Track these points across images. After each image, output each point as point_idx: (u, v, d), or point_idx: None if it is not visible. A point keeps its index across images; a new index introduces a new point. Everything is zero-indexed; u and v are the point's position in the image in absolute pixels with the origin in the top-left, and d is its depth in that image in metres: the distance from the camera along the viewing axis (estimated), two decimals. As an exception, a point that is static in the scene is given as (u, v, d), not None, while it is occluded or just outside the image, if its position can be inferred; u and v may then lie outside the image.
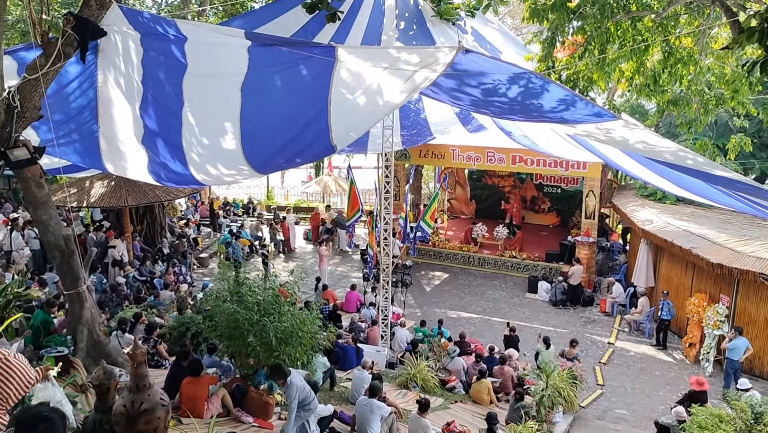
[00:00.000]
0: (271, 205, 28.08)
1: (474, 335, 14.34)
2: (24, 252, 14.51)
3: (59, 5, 12.82)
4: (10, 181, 20.57)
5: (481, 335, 14.72)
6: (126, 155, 8.16)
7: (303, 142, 6.15)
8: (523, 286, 17.98)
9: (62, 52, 6.69)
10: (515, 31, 26.47)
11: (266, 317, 7.67)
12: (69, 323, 7.82)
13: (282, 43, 5.98)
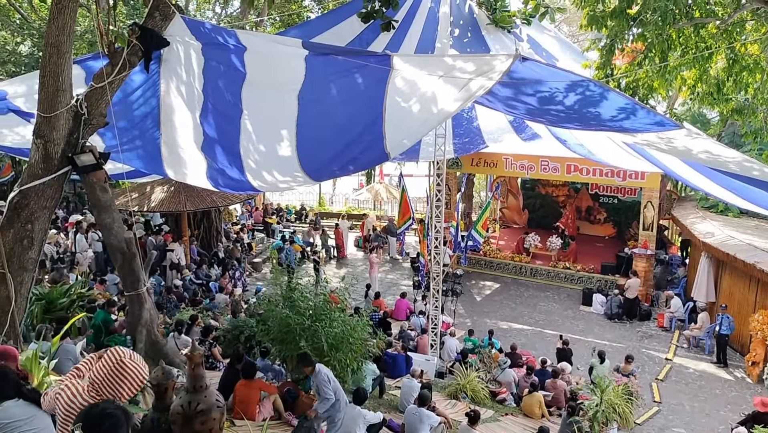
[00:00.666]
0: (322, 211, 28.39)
1: (525, 347, 14.10)
2: (87, 254, 15.10)
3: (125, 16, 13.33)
4: (75, 186, 21.46)
5: (533, 347, 14.46)
6: (186, 161, 8.41)
7: (357, 149, 6.20)
8: (577, 298, 17.60)
9: (127, 62, 6.94)
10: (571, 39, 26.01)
11: (318, 322, 7.76)
12: (129, 324, 8.09)
13: (338, 52, 6.06)
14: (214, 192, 15.06)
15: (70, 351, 6.80)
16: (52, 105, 6.55)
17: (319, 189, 30.86)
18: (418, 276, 17.52)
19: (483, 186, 27.20)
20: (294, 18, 18.07)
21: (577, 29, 23.54)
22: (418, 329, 14.04)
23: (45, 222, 6.92)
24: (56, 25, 6.42)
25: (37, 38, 15.32)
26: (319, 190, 31.08)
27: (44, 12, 16.57)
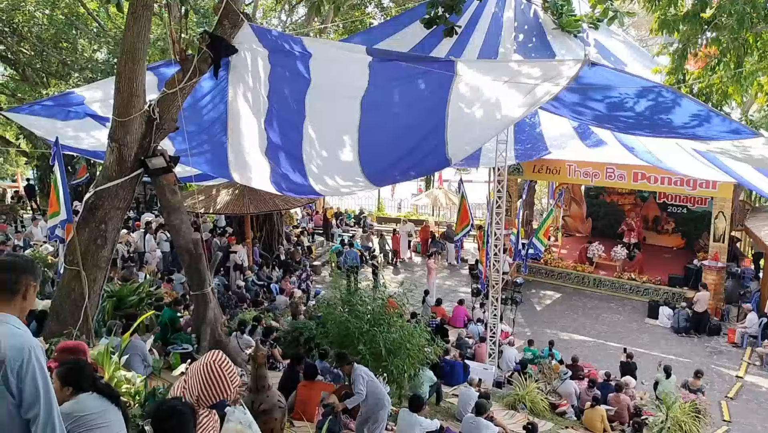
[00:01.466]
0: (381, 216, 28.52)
1: (587, 359, 13.71)
2: (155, 254, 15.64)
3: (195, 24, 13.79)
4: (145, 188, 22.29)
5: (595, 359, 14.05)
6: (251, 166, 8.63)
7: (418, 155, 6.20)
8: (643, 310, 16.98)
9: (198, 69, 7.18)
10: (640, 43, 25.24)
11: (376, 327, 7.78)
12: (194, 322, 8.34)
13: (402, 58, 6.08)
14: (276, 195, 15.33)
15: (139, 347, 7.05)
16: (127, 110, 6.83)
17: (378, 194, 31.00)
18: (477, 283, 17.33)
19: (545, 193, 26.68)
20: (357, 25, 18.25)
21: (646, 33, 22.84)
22: (476, 337, 13.89)
23: (118, 222, 7.22)
24: (132, 33, 6.70)
25: (112, 46, 16.05)
26: (378, 195, 31.21)
27: (120, 21, 17.34)
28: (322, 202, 26.87)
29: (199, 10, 14.93)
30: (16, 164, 27.45)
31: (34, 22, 16.78)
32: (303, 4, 19.88)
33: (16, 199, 22.68)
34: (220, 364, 2.85)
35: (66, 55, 17.06)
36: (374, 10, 19.67)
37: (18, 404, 2.63)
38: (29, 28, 16.68)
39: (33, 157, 21.36)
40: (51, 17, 16.76)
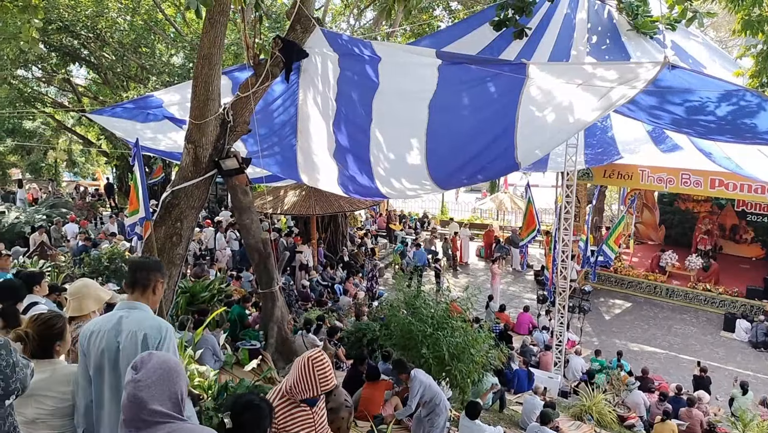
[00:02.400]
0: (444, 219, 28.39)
1: (658, 372, 13.22)
2: (225, 252, 16.12)
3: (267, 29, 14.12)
4: (217, 189, 23.03)
5: (666, 372, 13.52)
6: (319, 168, 8.76)
7: (487, 158, 6.14)
8: (718, 323, 16.22)
9: (270, 73, 7.35)
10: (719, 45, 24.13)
11: (439, 330, 7.74)
12: (262, 319, 8.54)
13: (471, 60, 6.03)
14: (341, 197, 15.54)
15: (210, 342, 7.27)
16: (203, 113, 7.05)
17: (442, 197, 30.89)
18: (543, 290, 16.99)
19: (615, 199, 25.86)
20: (424, 28, 18.25)
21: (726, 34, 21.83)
22: (541, 345, 13.62)
23: (192, 221, 7.46)
24: (208, 38, 6.92)
25: (188, 50, 16.66)
26: (442, 199, 31.10)
27: (195, 26, 17.99)
28: (386, 204, 27.01)
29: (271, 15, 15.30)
30: (96, 164, 28.87)
31: (116, 27, 17.64)
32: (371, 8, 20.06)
33: (97, 197, 23.87)
34: (314, 361, 2.94)
35: (145, 60, 17.83)
36: (442, 12, 19.62)
37: None
38: (111, 34, 17.54)
39: (113, 157, 22.43)
40: (132, 23, 17.57)
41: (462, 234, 22.68)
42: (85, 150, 26.01)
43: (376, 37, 16.46)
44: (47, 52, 18.40)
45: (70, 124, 23.88)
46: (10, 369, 2.44)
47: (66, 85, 21.78)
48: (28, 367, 2.65)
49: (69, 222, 15.96)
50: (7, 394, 2.42)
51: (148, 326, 3.06)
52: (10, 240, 14.11)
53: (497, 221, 27.66)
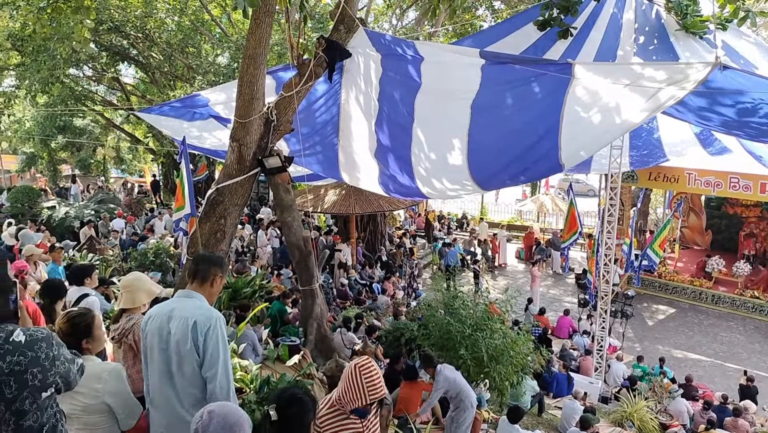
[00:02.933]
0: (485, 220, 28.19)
1: (702, 380, 12.86)
2: (266, 249, 16.34)
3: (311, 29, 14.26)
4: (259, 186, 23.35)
5: (711, 380, 13.15)
6: (360, 167, 8.81)
7: (530, 159, 6.08)
8: (766, 331, 15.70)
9: (313, 73, 7.42)
10: (773, 43, 23.29)
11: (478, 331, 7.70)
12: (301, 316, 8.63)
13: (516, 60, 5.98)
14: (381, 197, 15.57)
15: (250, 337, 7.38)
16: (247, 112, 7.17)
17: (482, 198, 30.66)
18: (584, 294, 16.72)
19: (660, 202, 25.22)
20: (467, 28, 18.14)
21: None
22: (582, 350, 13.41)
23: (236, 218, 7.60)
24: (254, 38, 7.03)
25: (233, 50, 16.93)
26: (482, 200, 30.88)
27: (241, 27, 18.30)
28: (425, 204, 26.97)
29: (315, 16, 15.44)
30: (143, 161, 29.60)
31: (164, 28, 18.06)
32: (414, 8, 20.05)
33: (143, 194, 24.49)
34: (362, 369, 2.88)
35: (191, 60, 18.21)
36: (485, 12, 19.48)
37: (201, 363, 3.19)
38: (159, 34, 17.97)
39: (159, 154, 22.97)
40: (179, 24, 17.96)
41: (500, 235, 22.48)
42: (132, 147, 26.70)
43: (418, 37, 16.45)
44: (98, 51, 18.96)
45: (118, 122, 24.58)
46: (49, 362, 2.45)
47: (115, 83, 22.41)
48: (74, 362, 2.69)
49: (116, 217, 16.42)
50: (44, 386, 2.43)
51: (199, 313, 3.22)
52: (60, 234, 14.60)
53: (538, 223, 27.32)
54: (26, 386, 2.35)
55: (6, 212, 16.49)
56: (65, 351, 2.61)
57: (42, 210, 16.62)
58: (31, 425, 2.38)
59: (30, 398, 2.36)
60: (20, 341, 2.40)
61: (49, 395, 2.46)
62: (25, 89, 16.99)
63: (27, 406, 2.36)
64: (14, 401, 2.33)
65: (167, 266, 11.58)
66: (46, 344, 2.48)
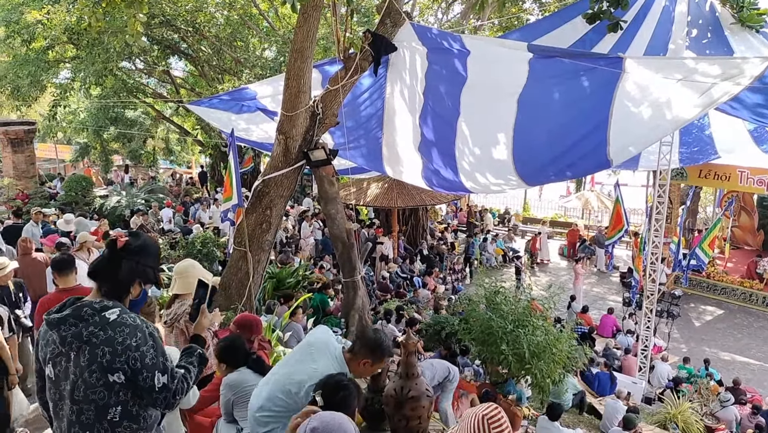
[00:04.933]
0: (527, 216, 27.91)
1: (750, 383, 12.49)
2: (309, 241, 16.54)
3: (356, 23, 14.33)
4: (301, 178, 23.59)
5: (761, 384, 12.75)
6: (403, 161, 8.85)
7: (576, 155, 6.01)
8: (820, 336, 15.16)
9: (359, 66, 7.48)
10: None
11: (520, 328, 7.66)
12: (343, 307, 8.74)
13: (564, 54, 5.92)
14: (423, 191, 15.58)
15: (295, 327, 7.53)
16: (294, 105, 7.28)
17: (525, 194, 30.34)
18: (629, 293, 16.39)
19: (710, 201, 24.51)
20: (512, 21, 17.94)
21: None
22: (625, 349, 13.17)
23: (281, 209, 7.74)
24: (301, 32, 7.12)
25: (280, 44, 17.14)
26: (525, 195, 30.55)
27: (287, 21, 18.50)
28: (467, 199, 26.83)
29: (361, 10, 15.51)
30: (191, 152, 30.25)
31: (213, 22, 18.41)
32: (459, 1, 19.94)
33: (191, 184, 25.07)
34: (490, 420, 2.56)
35: (239, 53, 18.51)
36: (532, 5, 19.22)
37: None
38: (209, 28, 18.32)
39: (207, 146, 23.44)
40: (228, 18, 18.28)
41: (541, 231, 22.23)
42: (181, 139, 27.32)
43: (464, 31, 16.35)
44: (150, 45, 19.44)
45: (168, 114, 25.16)
46: (123, 348, 2.40)
47: (165, 76, 22.95)
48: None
49: (165, 207, 16.87)
50: (111, 369, 2.40)
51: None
52: (111, 222, 15.07)
53: (582, 220, 26.88)
54: (95, 360, 2.39)
55: (60, 200, 17.12)
56: (154, 353, 2.50)
57: (95, 199, 17.20)
58: (96, 400, 2.42)
59: (97, 373, 2.40)
60: (108, 318, 2.43)
61: (118, 380, 2.43)
62: (79, 81, 17.57)
63: (94, 380, 2.40)
64: (85, 370, 2.40)
65: (213, 255, 11.84)
66: (129, 331, 2.43)
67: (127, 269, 2.57)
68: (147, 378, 2.45)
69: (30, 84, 17.21)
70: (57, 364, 2.48)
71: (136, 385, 2.46)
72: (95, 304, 2.46)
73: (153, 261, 2.70)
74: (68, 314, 2.43)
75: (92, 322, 2.42)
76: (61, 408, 2.49)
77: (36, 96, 18.90)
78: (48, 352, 2.50)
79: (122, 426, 2.48)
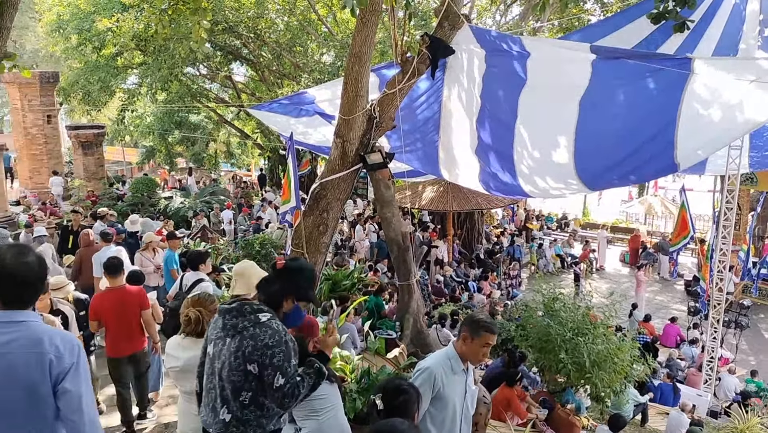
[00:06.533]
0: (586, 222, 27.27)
1: (827, 401, 11.81)
2: (364, 243, 16.65)
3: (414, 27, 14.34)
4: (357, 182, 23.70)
5: (838, 401, 12.04)
6: (460, 164, 8.79)
7: (641, 158, 5.83)
8: None
9: (416, 70, 7.47)
10: None
11: (580, 336, 7.48)
12: (398, 310, 8.75)
13: (629, 55, 5.75)
14: (479, 194, 15.44)
15: (350, 329, 7.58)
16: (351, 109, 7.33)
17: (584, 198, 29.63)
18: (695, 302, 15.78)
19: (783, 207, 23.37)
20: (573, 22, 17.59)
21: None
22: (689, 360, 12.69)
23: (338, 212, 7.79)
24: (360, 37, 7.15)
25: (338, 49, 17.34)
26: (584, 200, 29.84)
27: (345, 26, 18.70)
28: (524, 203, 26.42)
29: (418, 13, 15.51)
30: (251, 156, 30.93)
31: (274, 28, 18.80)
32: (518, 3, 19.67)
33: (250, 187, 25.64)
34: None
35: (298, 58, 18.83)
36: (593, 6, 18.79)
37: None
38: (270, 34, 18.72)
39: (266, 149, 23.93)
40: (288, 23, 18.63)
41: (600, 237, 21.67)
42: (241, 142, 27.97)
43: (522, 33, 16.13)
44: (213, 51, 20.03)
45: (229, 118, 25.85)
46: (261, 345, 2.89)
47: (227, 81, 23.56)
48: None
49: (226, 209, 17.31)
50: (249, 360, 2.90)
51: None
52: (176, 223, 15.58)
53: (645, 226, 26.05)
54: (240, 348, 2.90)
55: (127, 201, 17.80)
56: (282, 357, 2.90)
57: (160, 200, 17.80)
58: (234, 381, 2.92)
59: (239, 360, 2.90)
60: (259, 319, 2.95)
61: (253, 371, 2.88)
62: (146, 86, 18.25)
63: (236, 365, 2.91)
64: (232, 355, 2.92)
65: (272, 257, 12.06)
66: (271, 333, 2.90)
67: (279, 286, 3.10)
68: (269, 375, 2.87)
69: (100, 89, 18.00)
70: (216, 344, 3.04)
71: (262, 379, 2.89)
72: (254, 306, 3.02)
73: (305, 282, 3.17)
74: (234, 307, 3.01)
75: (247, 318, 2.95)
76: (211, 381, 3.03)
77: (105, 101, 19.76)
78: (213, 333, 3.08)
79: (249, 409, 2.94)
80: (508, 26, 19.04)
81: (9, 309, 2.37)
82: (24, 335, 2.34)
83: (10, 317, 2.36)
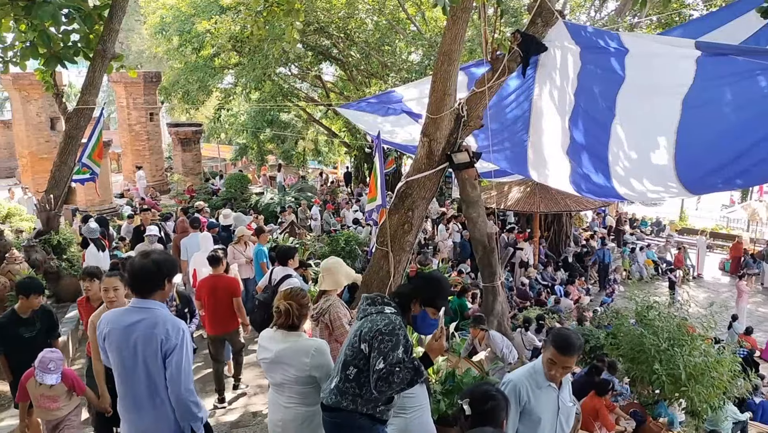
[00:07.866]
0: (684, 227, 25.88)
1: None
2: (447, 243, 16.54)
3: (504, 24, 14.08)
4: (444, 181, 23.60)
5: None
6: (549, 164, 8.54)
7: (750, 161, 5.42)
8: None
9: (507, 68, 7.32)
10: None
11: (676, 347, 7.09)
12: (483, 313, 8.62)
13: (738, 52, 5.37)
14: (568, 196, 14.97)
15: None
16: (439, 108, 7.29)
17: (682, 203, 28.12)
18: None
19: None
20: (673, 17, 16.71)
21: None
22: (798, 378, 11.76)
23: (422, 211, 7.78)
24: (450, 35, 7.10)
25: (426, 48, 17.30)
26: (681, 204, 28.32)
27: (433, 24, 18.65)
28: (615, 206, 25.39)
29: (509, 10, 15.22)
30: (338, 154, 31.50)
31: (363, 28, 19.01)
32: (614, -2, 18.93)
33: (337, 184, 26.12)
34: None
35: (386, 57, 18.96)
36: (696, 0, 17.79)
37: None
38: (359, 34, 18.96)
39: (353, 148, 24.28)
40: (377, 23, 18.79)
41: (699, 243, 20.48)
42: (329, 140, 28.54)
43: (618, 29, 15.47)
44: (304, 51, 20.52)
45: (318, 116, 26.41)
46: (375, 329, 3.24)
47: (317, 81, 24.09)
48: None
49: (313, 205, 17.71)
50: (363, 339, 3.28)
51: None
52: (265, 218, 16.11)
53: (747, 233, 24.41)
54: (361, 329, 3.28)
55: (222, 196, 18.58)
56: (389, 345, 3.14)
57: (251, 196, 18.47)
58: (347, 354, 3.31)
59: (357, 338, 3.28)
60: (383, 309, 3.30)
61: (364, 350, 3.21)
62: (241, 86, 18.96)
63: (353, 341, 3.31)
64: (355, 334, 3.31)
65: (356, 253, 12.23)
66: (387, 322, 3.21)
67: (408, 290, 3.47)
68: (373, 358, 3.14)
69: (198, 89, 18.87)
70: (354, 325, 3.46)
71: (367, 360, 3.18)
72: (385, 299, 3.40)
73: (434, 291, 3.45)
74: (371, 297, 3.42)
75: (375, 307, 3.34)
76: (342, 354, 3.39)
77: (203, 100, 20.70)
78: (357, 315, 3.47)
79: (351, 383, 3.25)
80: (603, 22, 18.34)
81: (141, 297, 3.24)
82: (148, 318, 3.21)
83: (141, 303, 3.25)
